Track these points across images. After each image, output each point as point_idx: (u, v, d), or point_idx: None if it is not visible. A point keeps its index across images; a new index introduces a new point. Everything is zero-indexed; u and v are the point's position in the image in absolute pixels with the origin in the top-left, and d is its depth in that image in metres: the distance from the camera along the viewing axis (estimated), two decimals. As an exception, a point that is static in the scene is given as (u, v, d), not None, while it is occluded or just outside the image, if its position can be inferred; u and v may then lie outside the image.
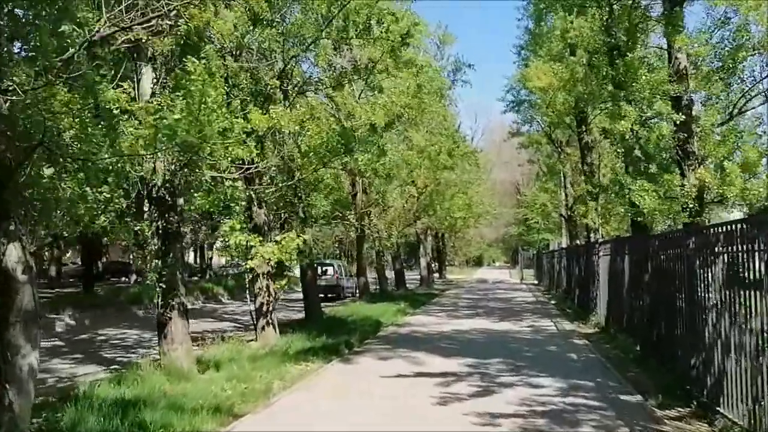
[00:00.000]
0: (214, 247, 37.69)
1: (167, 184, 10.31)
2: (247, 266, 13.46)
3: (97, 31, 6.17)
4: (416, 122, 28.88)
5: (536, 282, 44.46)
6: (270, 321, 14.18)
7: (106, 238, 42.30)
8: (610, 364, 10.95)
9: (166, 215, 10.40)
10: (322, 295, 30.56)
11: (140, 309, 24.63)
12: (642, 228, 19.11)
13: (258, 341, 14.06)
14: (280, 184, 14.55)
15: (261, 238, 13.47)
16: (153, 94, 10.22)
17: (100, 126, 6.51)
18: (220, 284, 34.00)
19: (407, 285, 35.18)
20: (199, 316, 22.59)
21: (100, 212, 7.16)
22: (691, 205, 14.32)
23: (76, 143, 6.44)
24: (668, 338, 9.76)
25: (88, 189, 6.62)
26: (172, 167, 10.05)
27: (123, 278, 41.18)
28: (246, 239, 13.14)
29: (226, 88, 12.47)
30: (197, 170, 10.12)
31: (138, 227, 10.30)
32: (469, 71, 58.33)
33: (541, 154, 40.01)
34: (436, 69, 24.98)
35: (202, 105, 8.75)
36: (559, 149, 34.23)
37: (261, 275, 14.14)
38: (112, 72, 6.64)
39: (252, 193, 13.99)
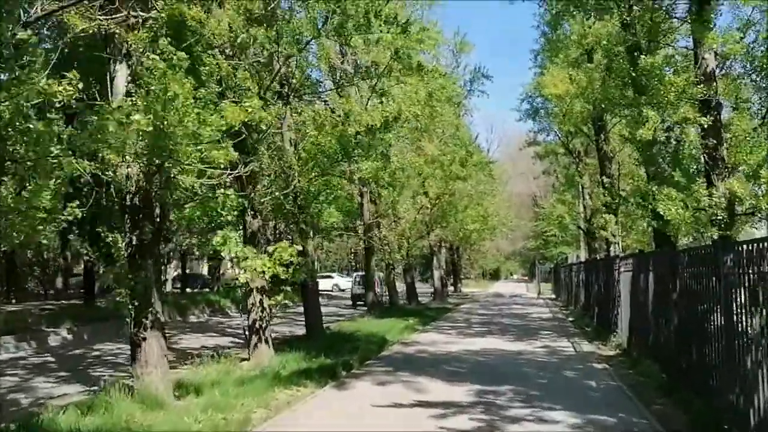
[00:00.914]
0: (224, 259, 36.93)
1: (141, 192, 9.42)
2: (240, 280, 12.60)
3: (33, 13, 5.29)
4: (428, 131, 27.96)
5: (554, 296, 43.09)
6: (264, 339, 13.21)
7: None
8: (633, 394, 9.76)
9: (141, 225, 9.49)
10: (362, 303, 31.21)
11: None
12: (666, 241, 17.92)
13: (251, 360, 13.11)
14: (276, 192, 13.58)
15: (255, 250, 12.59)
16: (128, 94, 9.34)
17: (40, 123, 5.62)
18: (228, 297, 33.10)
19: (420, 299, 34.08)
20: (202, 330, 21.81)
21: (44, 222, 6.21)
22: (720, 217, 13.23)
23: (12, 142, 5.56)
24: (700, 366, 8.64)
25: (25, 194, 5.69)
26: (143, 173, 9.13)
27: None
28: (240, 251, 12.28)
29: (218, 88, 11.66)
30: (174, 176, 9.19)
31: (110, 239, 9.41)
32: (487, 83, 57.27)
33: (558, 165, 38.90)
34: (445, 75, 23.88)
35: (168, 103, 7.86)
36: (577, 159, 33.15)
37: (255, 289, 13.21)
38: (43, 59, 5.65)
39: (245, 201, 13.06)
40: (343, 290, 49.70)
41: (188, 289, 40.11)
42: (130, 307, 9.31)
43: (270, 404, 9.42)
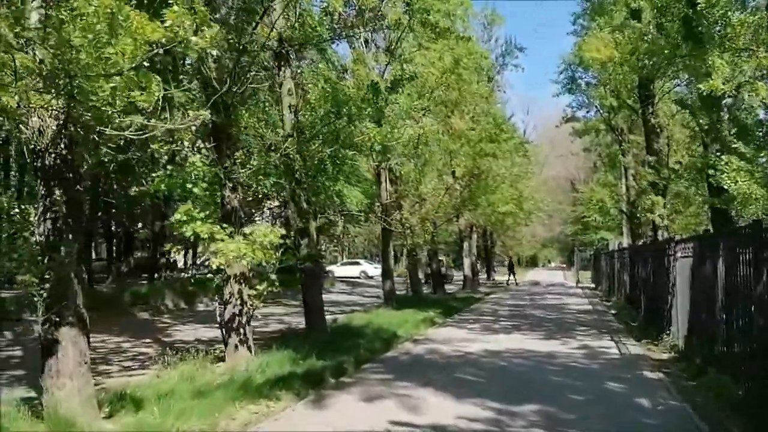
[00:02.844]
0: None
1: (59, 149, 7.26)
2: (212, 265, 10.47)
3: None
4: (458, 105, 25.54)
5: (593, 286, 40.18)
6: (243, 336, 11.04)
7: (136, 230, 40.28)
8: (703, 421, 7.25)
9: (57, 193, 7.32)
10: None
11: (145, 311, 22.02)
12: (726, 222, 15.35)
13: (226, 362, 10.99)
14: (254, 162, 11.32)
15: (230, 230, 10.46)
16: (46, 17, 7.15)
17: None
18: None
19: (447, 288, 31.71)
20: (205, 320, 19.85)
21: None
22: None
23: None
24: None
25: None
26: (56, 123, 6.95)
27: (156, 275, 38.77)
28: (210, 231, 10.17)
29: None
30: (92, 126, 6.98)
31: (15, 209, 7.31)
32: (526, 66, 55.10)
33: (600, 144, 36.13)
34: (470, 39, 21.36)
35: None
36: (620, 137, 30.38)
37: (232, 277, 11.06)
38: None
39: (221, 171, 10.87)
40: (371, 277, 47.57)
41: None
42: (37, 300, 7.19)
43: (218, 427, 7.23)
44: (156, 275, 33.99)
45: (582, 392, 8.68)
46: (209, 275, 11.09)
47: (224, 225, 10.42)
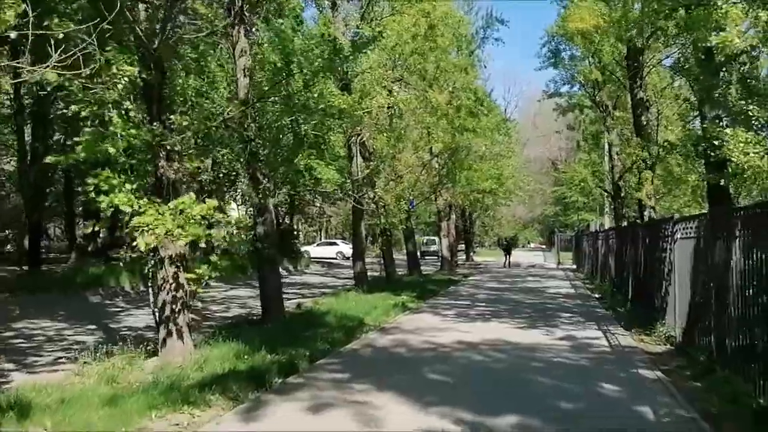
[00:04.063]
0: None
1: None
2: (140, 246, 8.91)
3: None
4: (435, 77, 24.06)
5: (575, 267, 39.06)
6: (178, 327, 9.53)
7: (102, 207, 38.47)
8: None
9: None
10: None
11: (96, 294, 20.37)
12: (725, 199, 14.16)
13: (159, 357, 9.51)
14: (185, 122, 9.62)
15: (161, 204, 8.96)
16: None
17: None
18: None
19: (424, 269, 30.35)
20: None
21: None
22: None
23: None
24: None
25: None
26: None
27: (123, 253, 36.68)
28: (131, 203, 8.66)
29: None
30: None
31: None
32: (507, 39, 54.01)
33: (584, 121, 34.88)
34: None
35: None
36: (605, 113, 29.12)
37: (167, 259, 9.52)
38: None
39: (148, 134, 9.22)
40: (348, 258, 46.36)
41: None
42: None
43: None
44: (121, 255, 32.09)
45: (571, 397, 7.24)
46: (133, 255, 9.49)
47: (146, 198, 8.91)
